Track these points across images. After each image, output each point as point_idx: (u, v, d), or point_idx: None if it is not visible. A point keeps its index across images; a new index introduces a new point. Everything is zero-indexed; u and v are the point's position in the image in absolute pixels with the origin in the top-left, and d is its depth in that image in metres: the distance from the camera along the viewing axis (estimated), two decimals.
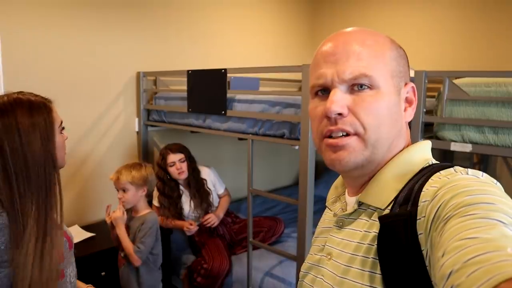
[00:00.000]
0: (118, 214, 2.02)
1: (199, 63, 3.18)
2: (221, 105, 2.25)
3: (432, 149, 0.74)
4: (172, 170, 2.52)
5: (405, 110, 0.71)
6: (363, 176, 0.71)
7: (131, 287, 2.07)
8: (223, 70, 2.21)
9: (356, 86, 0.66)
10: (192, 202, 2.61)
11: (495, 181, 0.60)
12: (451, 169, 0.63)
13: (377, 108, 0.65)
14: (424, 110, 1.95)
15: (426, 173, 0.65)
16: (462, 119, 1.85)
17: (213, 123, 2.39)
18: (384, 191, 0.67)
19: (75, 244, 2.26)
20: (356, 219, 0.71)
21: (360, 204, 0.70)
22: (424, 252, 0.55)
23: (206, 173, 2.72)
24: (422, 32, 3.40)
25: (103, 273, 2.26)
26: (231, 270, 2.48)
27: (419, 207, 0.59)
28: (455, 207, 0.51)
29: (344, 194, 0.79)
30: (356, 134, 0.65)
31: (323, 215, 0.87)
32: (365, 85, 0.65)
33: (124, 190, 2.03)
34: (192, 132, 2.70)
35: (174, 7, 2.99)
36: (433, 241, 0.52)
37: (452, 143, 1.88)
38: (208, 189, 2.67)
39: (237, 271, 2.48)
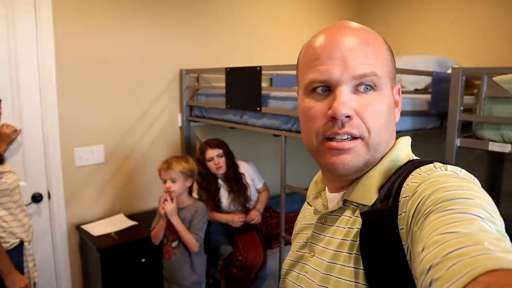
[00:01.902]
0: (171, 206, 2.10)
1: (243, 60, 3.24)
2: (256, 101, 2.30)
3: (472, 149, 0.75)
4: (210, 165, 2.60)
5: (399, 111, 0.73)
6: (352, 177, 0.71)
7: (184, 273, 2.19)
8: (258, 68, 2.26)
9: (361, 87, 0.64)
10: (230, 196, 2.69)
11: (472, 176, 0.60)
12: (431, 165, 0.63)
13: (381, 112, 0.65)
14: (462, 108, 1.89)
15: (406, 169, 0.65)
16: (502, 118, 1.77)
17: (249, 120, 2.44)
18: (370, 188, 0.67)
19: (119, 231, 2.44)
20: (339, 216, 0.71)
21: (344, 201, 0.71)
22: (405, 247, 0.56)
23: (245, 168, 2.79)
24: (466, 27, 3.24)
25: (143, 260, 2.39)
26: (265, 263, 2.53)
27: (400, 203, 0.59)
28: (435, 203, 0.52)
29: (324, 190, 0.79)
30: (361, 137, 0.65)
31: (301, 211, 0.87)
32: (370, 86, 0.64)
33: (173, 181, 2.13)
34: (230, 127, 2.77)
35: (217, 6, 3.07)
36: (414, 236, 0.53)
37: (491, 143, 1.81)
38: (246, 184, 2.73)
39: (271, 265, 2.53)
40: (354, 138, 0.64)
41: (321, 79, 0.65)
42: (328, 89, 0.66)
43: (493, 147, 1.79)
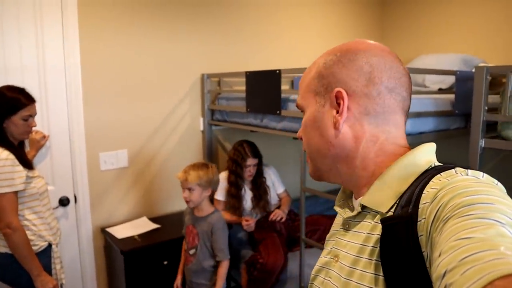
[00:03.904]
0: None
1: (263, 63, 3.26)
2: (276, 105, 2.31)
3: (500, 150, 0.72)
4: (245, 171, 2.65)
5: (340, 116, 0.70)
6: (357, 186, 0.73)
7: (200, 281, 2.21)
8: (277, 71, 2.26)
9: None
10: (253, 200, 2.71)
11: (495, 181, 0.59)
12: (452, 170, 0.62)
13: (304, 128, 0.77)
14: (486, 108, 1.84)
15: (427, 175, 0.64)
16: None
17: (269, 123, 2.45)
18: (385, 194, 0.67)
19: (142, 234, 2.49)
20: (360, 221, 0.71)
21: (363, 207, 0.71)
22: (424, 254, 0.56)
23: (266, 172, 2.80)
24: (491, 25, 3.15)
25: (165, 262, 2.43)
26: (286, 266, 2.52)
27: (419, 209, 0.59)
28: (454, 208, 0.51)
29: (351, 197, 0.80)
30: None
31: (335, 218, 0.87)
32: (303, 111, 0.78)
33: (190, 190, 2.14)
34: (251, 131, 2.79)
35: (237, 12, 3.10)
36: (433, 242, 0.53)
37: None
38: (266, 187, 2.75)
39: (293, 268, 2.52)
40: None
41: None
42: None
43: None
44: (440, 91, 2.71)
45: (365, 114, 0.70)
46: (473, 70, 1.88)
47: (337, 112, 0.70)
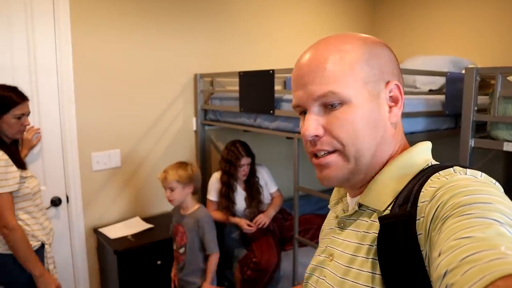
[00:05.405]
0: None
1: (256, 63, 3.27)
2: (269, 105, 2.32)
3: (489, 150, 0.73)
4: (240, 171, 2.66)
5: (390, 110, 0.70)
6: (358, 184, 0.72)
7: (193, 278, 2.22)
8: (271, 71, 2.28)
9: (328, 105, 0.66)
10: (244, 199, 2.72)
11: (493, 181, 0.60)
12: (450, 169, 0.63)
13: (351, 123, 0.66)
14: (476, 108, 1.87)
15: (425, 173, 0.65)
16: None
17: (262, 122, 2.46)
18: (383, 193, 0.67)
19: (135, 234, 2.48)
20: (356, 220, 0.71)
21: (360, 205, 0.71)
22: (423, 253, 0.56)
23: (258, 171, 2.82)
24: (479, 28, 3.21)
25: (159, 262, 2.43)
26: (279, 265, 2.54)
27: (418, 208, 0.59)
28: (453, 207, 0.51)
29: (346, 196, 0.80)
30: (336, 150, 0.67)
31: (327, 217, 0.87)
32: (336, 103, 0.66)
33: (171, 189, 2.15)
34: (244, 131, 2.80)
35: (230, 11, 3.11)
36: (432, 241, 0.53)
37: (505, 143, 1.79)
38: (259, 187, 2.76)
39: (286, 266, 2.54)
40: (330, 152, 0.68)
41: (295, 104, 0.71)
42: (306, 112, 0.71)
43: (508, 147, 1.77)
44: (431, 92, 2.75)
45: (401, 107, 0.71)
46: (463, 72, 1.91)
47: (390, 107, 0.70)
